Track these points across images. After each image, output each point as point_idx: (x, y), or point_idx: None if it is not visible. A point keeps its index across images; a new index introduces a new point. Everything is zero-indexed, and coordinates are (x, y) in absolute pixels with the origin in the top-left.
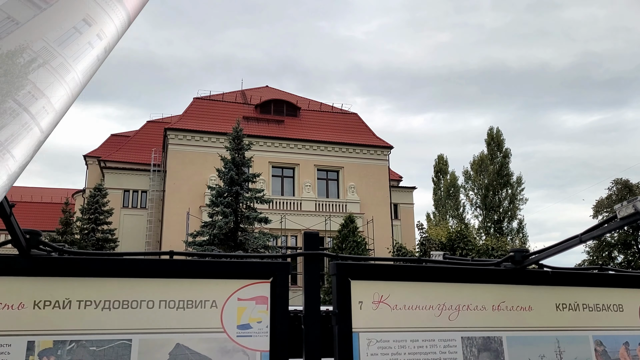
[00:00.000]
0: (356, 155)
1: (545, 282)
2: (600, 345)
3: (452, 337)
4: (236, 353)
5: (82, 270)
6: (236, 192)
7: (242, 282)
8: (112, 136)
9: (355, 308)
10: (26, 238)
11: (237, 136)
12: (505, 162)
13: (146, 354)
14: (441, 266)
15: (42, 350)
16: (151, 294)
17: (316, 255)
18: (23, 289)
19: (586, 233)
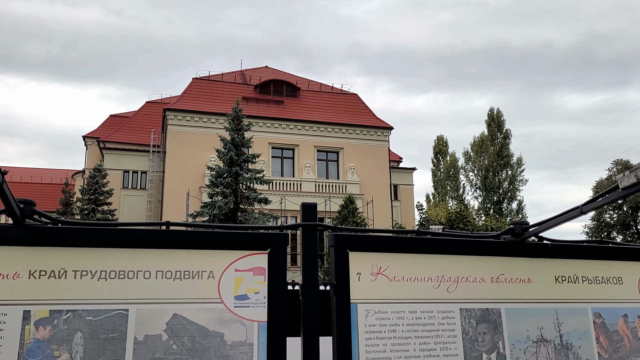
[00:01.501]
0: (356, 136)
1: (544, 254)
2: (599, 317)
3: (451, 308)
4: (234, 323)
5: (77, 240)
6: (236, 173)
7: (239, 253)
8: (111, 117)
9: (353, 279)
10: (20, 208)
11: (236, 117)
12: (505, 143)
13: (143, 324)
14: (440, 238)
15: (39, 319)
16: (147, 265)
17: (314, 226)
18: (18, 259)
19: (587, 204)
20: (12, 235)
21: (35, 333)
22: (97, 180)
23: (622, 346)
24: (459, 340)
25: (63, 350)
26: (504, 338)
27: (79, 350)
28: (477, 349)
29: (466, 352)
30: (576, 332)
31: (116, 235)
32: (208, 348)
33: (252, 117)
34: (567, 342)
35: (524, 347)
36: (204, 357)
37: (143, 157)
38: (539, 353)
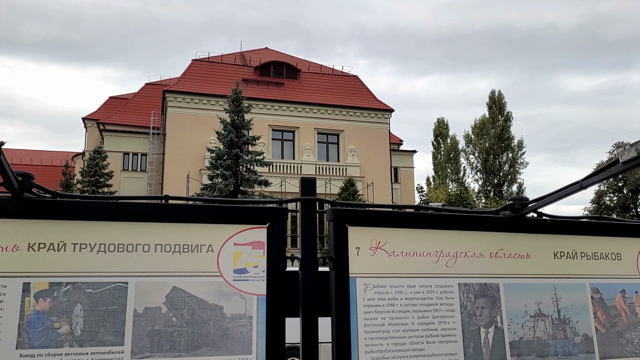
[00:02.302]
0: (357, 118)
1: (544, 230)
2: (597, 292)
3: (449, 283)
4: (233, 296)
5: (76, 213)
6: (236, 155)
7: (238, 227)
8: (110, 98)
9: (352, 254)
10: (18, 180)
11: (236, 98)
12: (506, 125)
13: (143, 297)
14: (439, 214)
15: (38, 291)
16: (146, 238)
17: (313, 200)
18: (17, 231)
19: (587, 178)
20: (11, 207)
21: (35, 305)
22: (97, 162)
23: (619, 321)
24: (457, 315)
25: (63, 322)
26: (502, 312)
27: (79, 322)
28: (475, 323)
29: (464, 326)
30: (574, 307)
31: (115, 208)
32: (207, 321)
33: (252, 99)
34: (564, 317)
35: (521, 322)
36: (203, 329)
37: (143, 139)
38: (536, 327)
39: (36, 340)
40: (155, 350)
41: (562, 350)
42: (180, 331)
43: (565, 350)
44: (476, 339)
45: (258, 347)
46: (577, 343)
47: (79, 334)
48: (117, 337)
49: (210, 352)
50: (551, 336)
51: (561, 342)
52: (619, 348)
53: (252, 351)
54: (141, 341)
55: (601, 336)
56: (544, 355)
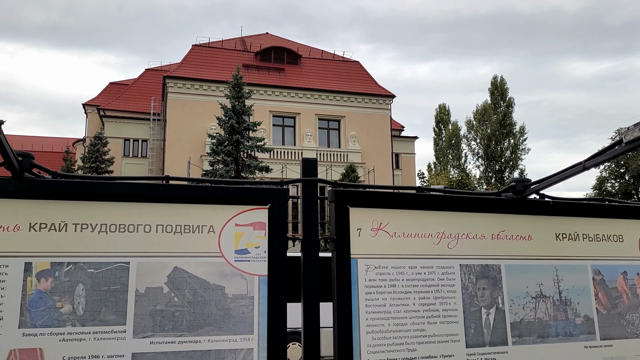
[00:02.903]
0: (358, 104)
1: (546, 212)
2: (599, 274)
3: (451, 264)
4: (234, 277)
5: (76, 193)
6: (237, 141)
7: (239, 208)
8: (110, 84)
9: (353, 235)
10: (19, 160)
11: (237, 84)
12: (508, 111)
13: (144, 277)
14: (441, 194)
15: (40, 271)
16: (147, 218)
17: (314, 181)
18: (18, 211)
19: (590, 159)
20: (11, 187)
21: (37, 285)
22: (98, 149)
23: (620, 302)
24: (458, 296)
25: (65, 302)
26: (503, 294)
27: (81, 302)
28: (476, 304)
29: (465, 307)
30: (575, 289)
31: (116, 189)
32: (209, 301)
33: (253, 84)
34: (566, 298)
35: (522, 303)
36: (205, 309)
37: (144, 125)
38: (537, 308)
39: (38, 320)
40: (157, 330)
41: (563, 331)
42: (182, 311)
43: (566, 331)
44: (477, 320)
45: (260, 327)
46: (578, 324)
47: (81, 313)
48: (119, 316)
49: (212, 331)
50: (552, 317)
51: (562, 323)
52: (620, 329)
53: (254, 331)
54: (143, 321)
55: (602, 317)
56: (545, 336)
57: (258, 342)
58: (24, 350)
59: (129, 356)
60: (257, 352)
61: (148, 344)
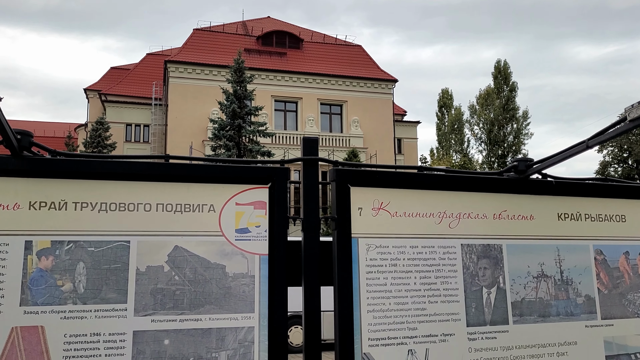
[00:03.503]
0: (360, 88)
1: (548, 192)
2: (600, 254)
3: (452, 244)
4: (235, 256)
5: (76, 172)
6: (238, 126)
7: (240, 187)
8: (112, 69)
9: (354, 214)
10: (17, 138)
11: (238, 68)
12: (511, 96)
13: (145, 256)
14: (442, 174)
15: (40, 249)
16: (147, 197)
17: (315, 160)
18: (18, 190)
19: (594, 137)
20: (11, 166)
21: (38, 263)
22: (100, 134)
23: (622, 282)
24: (459, 275)
25: (66, 280)
26: (504, 273)
27: (82, 280)
28: (477, 283)
29: (466, 287)
30: (577, 269)
31: (115, 167)
32: (210, 279)
33: (255, 69)
34: (567, 278)
35: (524, 282)
36: (205, 288)
37: (145, 110)
38: (538, 288)
39: (39, 298)
40: (158, 308)
41: (564, 311)
42: (182, 289)
43: (567, 311)
44: (478, 299)
45: (260, 305)
46: (579, 304)
47: (82, 291)
48: (120, 294)
49: (213, 310)
50: (553, 297)
51: (563, 302)
52: (621, 309)
53: (255, 310)
54: (144, 299)
55: (603, 297)
56: (546, 315)
57: (259, 320)
58: (25, 328)
59: (130, 334)
60: (258, 331)
61: (149, 322)
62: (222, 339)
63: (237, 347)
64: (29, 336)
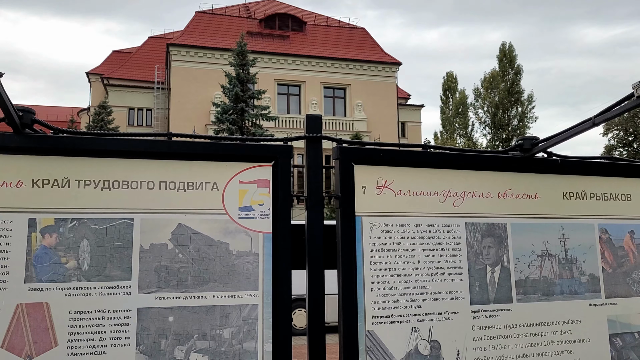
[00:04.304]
0: (363, 72)
1: (553, 170)
2: (605, 233)
3: (456, 222)
4: (238, 234)
5: (79, 149)
6: (241, 109)
7: (243, 165)
8: (114, 52)
9: (358, 192)
10: (19, 116)
11: (241, 51)
12: (516, 79)
13: (148, 233)
14: (447, 153)
15: (44, 227)
16: (151, 175)
17: (318, 138)
18: (20, 167)
19: (600, 114)
20: (13, 143)
21: (42, 240)
22: (103, 118)
23: (626, 261)
24: (463, 254)
25: (70, 257)
26: (508, 252)
27: (86, 257)
28: (481, 262)
29: (470, 265)
30: (581, 247)
31: (118, 145)
32: (213, 257)
33: (257, 52)
34: (571, 257)
35: (528, 261)
36: (209, 265)
37: (148, 94)
38: (543, 267)
39: (44, 275)
40: (162, 286)
41: (568, 289)
42: (186, 267)
43: (571, 289)
44: (482, 278)
45: (264, 283)
46: (583, 282)
47: (86, 268)
48: (124, 272)
49: (216, 287)
50: (557, 275)
51: (567, 281)
52: (625, 288)
53: (259, 287)
54: (148, 276)
55: (608, 276)
56: (550, 294)
57: (263, 298)
58: (30, 305)
59: (135, 311)
60: (262, 308)
61: (153, 299)
62: (226, 316)
63: (241, 324)
64: (34, 312)
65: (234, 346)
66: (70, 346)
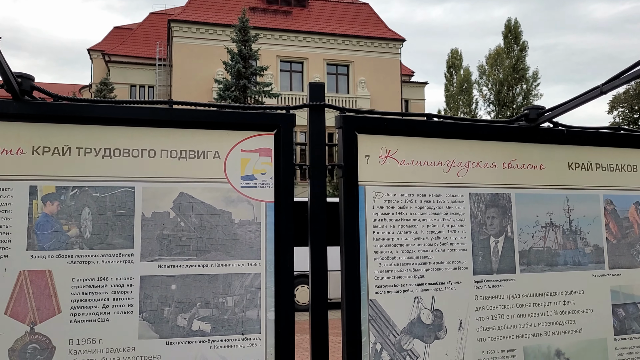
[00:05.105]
0: (367, 48)
1: (559, 141)
2: (610, 204)
3: (460, 192)
4: (241, 203)
5: (79, 117)
6: (244, 86)
7: (245, 133)
8: (115, 29)
9: (361, 162)
10: (18, 82)
11: (243, 27)
12: (521, 55)
13: (150, 202)
14: (452, 122)
15: (45, 195)
16: (152, 143)
17: (321, 106)
18: (20, 134)
19: (608, 82)
20: (12, 110)
21: (43, 208)
22: (105, 95)
23: (631, 232)
24: (467, 224)
25: (72, 225)
26: (512, 222)
27: (88, 225)
28: (485, 232)
29: (474, 235)
30: (586, 218)
31: (119, 112)
32: (216, 226)
33: (260, 28)
34: (576, 228)
35: (532, 232)
36: (212, 234)
37: (149, 71)
38: (547, 237)
39: (46, 242)
40: (164, 254)
41: (572, 260)
42: (189, 236)
43: (574, 260)
44: (485, 248)
45: (267, 252)
46: (587, 253)
47: (88, 236)
48: (126, 240)
49: (219, 256)
50: (561, 246)
51: (571, 252)
52: (629, 259)
53: (261, 256)
54: (150, 245)
55: (612, 247)
56: (553, 264)
57: (265, 267)
58: (33, 272)
59: (137, 279)
60: (265, 277)
61: (156, 267)
62: (228, 284)
63: (243, 292)
64: (37, 280)
65: (236, 314)
66: (73, 313)
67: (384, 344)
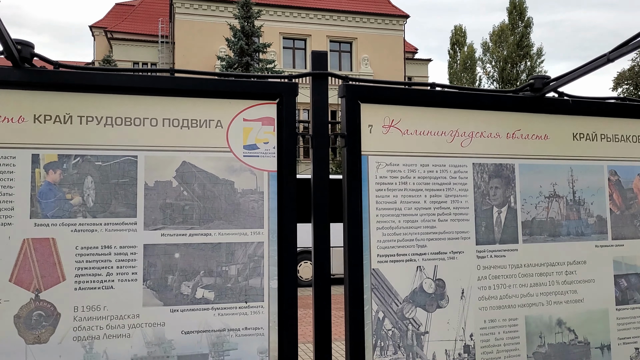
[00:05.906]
0: (370, 25)
1: (564, 111)
2: (615, 175)
3: (463, 162)
4: (243, 172)
5: (80, 85)
6: (246, 63)
7: (247, 102)
8: (117, 5)
9: (364, 131)
10: (18, 49)
11: (245, 3)
12: (526, 32)
13: (153, 170)
14: (455, 92)
15: (48, 163)
16: (154, 112)
17: (324, 75)
18: (21, 102)
19: (615, 50)
20: (12, 77)
21: (46, 176)
22: None
23: (635, 203)
24: (470, 194)
25: (75, 194)
26: (515, 193)
27: (91, 194)
28: (488, 202)
29: (477, 206)
30: (590, 189)
31: (120, 81)
32: (218, 195)
33: (262, 4)
34: (579, 198)
35: (535, 202)
36: (214, 203)
37: (152, 48)
38: (550, 208)
39: (49, 211)
40: (167, 223)
41: (575, 231)
42: (191, 205)
43: (577, 231)
44: (488, 218)
45: (270, 221)
46: (591, 224)
47: (91, 205)
48: (129, 209)
49: (222, 225)
50: (564, 217)
51: (574, 222)
52: (632, 229)
53: (264, 225)
54: (153, 213)
55: (615, 218)
56: (556, 235)
57: (268, 236)
58: (37, 240)
59: (141, 247)
60: (268, 246)
61: (159, 236)
62: (231, 253)
63: (247, 261)
64: (40, 248)
65: (239, 282)
66: (78, 280)
67: (386, 312)
